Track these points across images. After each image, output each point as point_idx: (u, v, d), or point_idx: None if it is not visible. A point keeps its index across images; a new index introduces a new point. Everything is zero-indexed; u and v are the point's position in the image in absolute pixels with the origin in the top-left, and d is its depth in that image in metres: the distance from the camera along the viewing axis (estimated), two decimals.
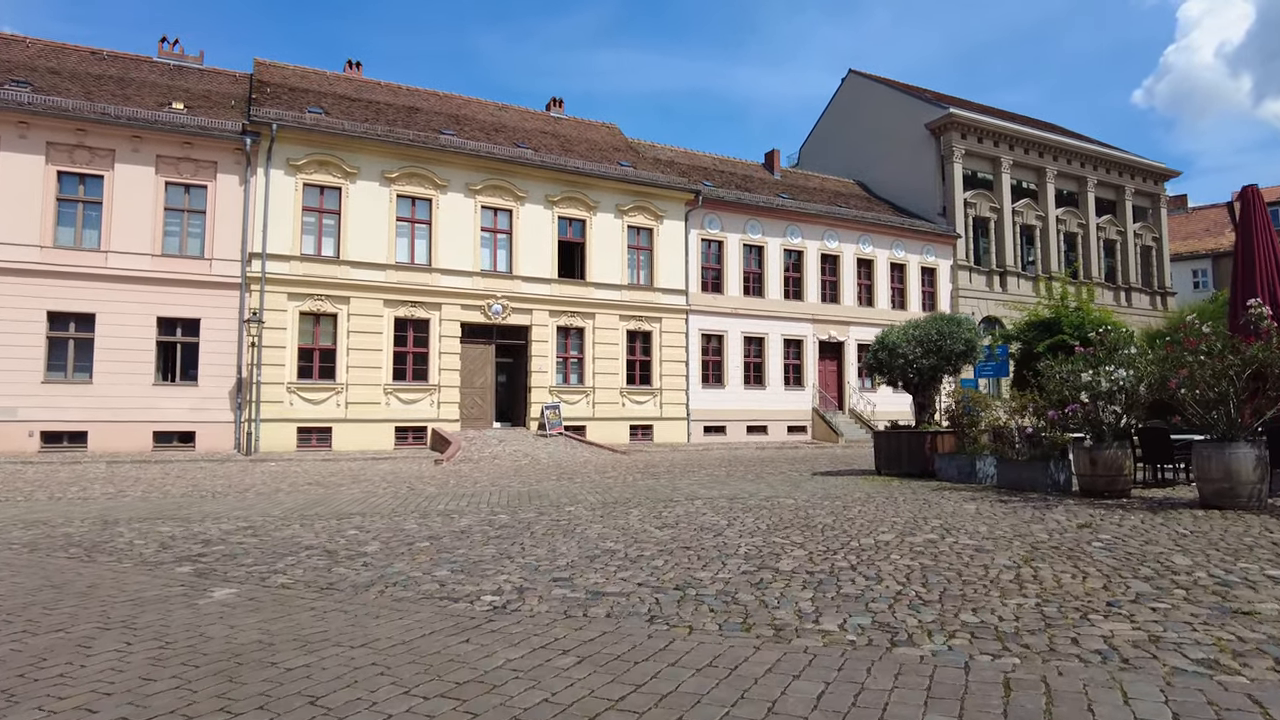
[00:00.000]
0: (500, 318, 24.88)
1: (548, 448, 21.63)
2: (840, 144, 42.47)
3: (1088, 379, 9.34)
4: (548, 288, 25.76)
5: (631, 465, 18.26)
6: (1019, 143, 37.99)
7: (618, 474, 15.73)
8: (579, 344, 26.32)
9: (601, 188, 26.82)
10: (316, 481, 14.68)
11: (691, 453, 23.57)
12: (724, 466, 17.66)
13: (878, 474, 14.45)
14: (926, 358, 13.47)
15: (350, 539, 7.69)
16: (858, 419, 31.04)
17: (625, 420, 26.58)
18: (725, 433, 28.73)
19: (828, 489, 11.89)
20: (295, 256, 22.63)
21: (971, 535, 7.25)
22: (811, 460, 19.90)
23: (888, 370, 13.82)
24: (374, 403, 23.13)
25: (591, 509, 9.77)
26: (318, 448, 22.45)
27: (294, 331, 22.49)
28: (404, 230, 24.19)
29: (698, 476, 14.89)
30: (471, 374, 24.74)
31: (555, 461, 19.33)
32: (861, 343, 32.32)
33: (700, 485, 12.81)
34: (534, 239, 25.66)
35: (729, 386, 29.05)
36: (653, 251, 27.79)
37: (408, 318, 23.82)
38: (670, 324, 27.77)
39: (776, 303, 30.47)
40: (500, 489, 12.78)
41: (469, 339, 24.76)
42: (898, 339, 13.65)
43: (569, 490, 12.28)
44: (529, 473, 16.30)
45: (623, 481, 13.86)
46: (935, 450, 13.36)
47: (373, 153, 23.66)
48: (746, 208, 29.92)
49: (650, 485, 12.97)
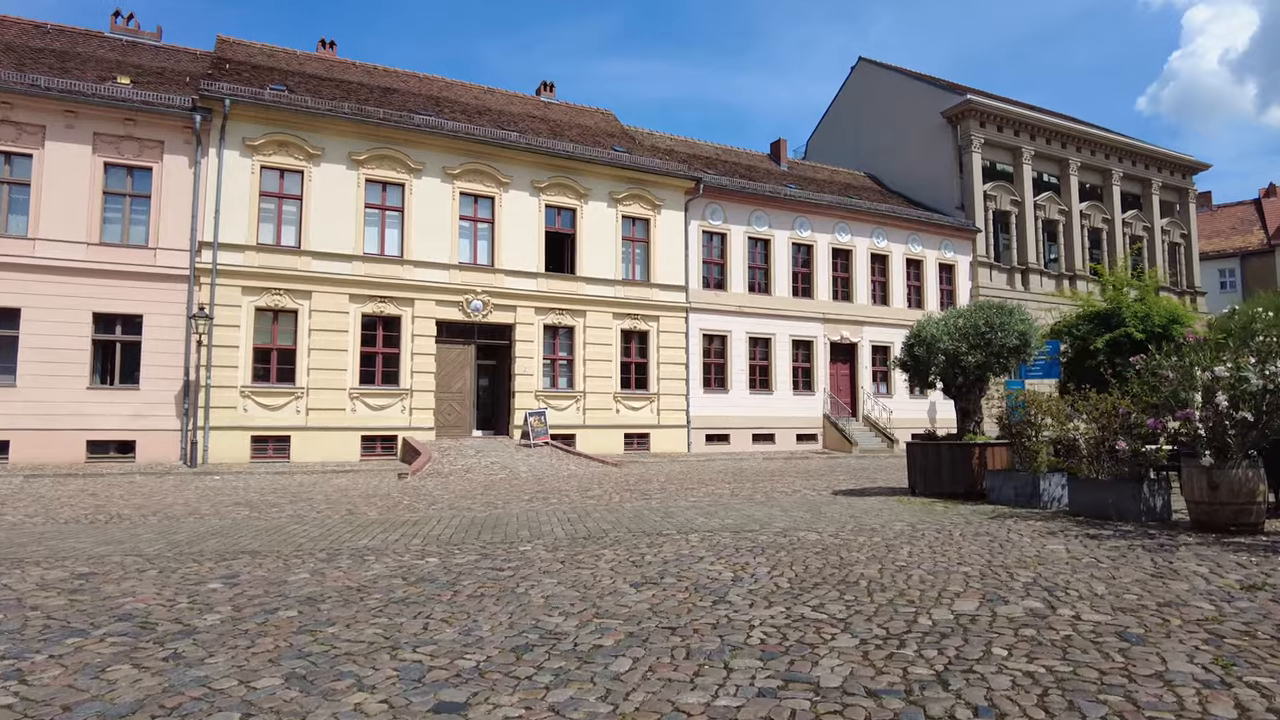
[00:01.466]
0: (481, 315, 22.58)
1: (530, 459, 19.30)
2: (850, 135, 40.19)
3: (1224, 374, 6.96)
4: (534, 282, 23.46)
5: (622, 480, 15.92)
6: (1040, 132, 35.68)
7: (603, 492, 13.39)
8: (568, 345, 24.01)
9: (593, 173, 24.54)
10: (249, 501, 12.37)
11: (691, 464, 21.22)
12: (728, 481, 15.32)
13: (912, 494, 12.09)
14: (973, 354, 11.13)
15: (200, 599, 5.39)
16: (873, 426, 28.67)
17: (619, 428, 24.25)
18: (729, 441, 26.38)
19: (857, 516, 9.54)
20: (251, 246, 20.36)
21: (1092, 602, 4.92)
22: (826, 473, 17.56)
23: (925, 370, 11.47)
24: (338, 409, 20.83)
25: (554, 548, 7.44)
26: (274, 458, 20.15)
27: (249, 329, 20.21)
28: (373, 218, 21.92)
29: (696, 496, 12.54)
30: (448, 377, 22.44)
31: (535, 476, 17.00)
32: (876, 344, 30.01)
33: (698, 510, 10.46)
34: (518, 229, 23.38)
35: (733, 391, 26.71)
36: (649, 244, 25.48)
37: (377, 315, 21.53)
38: (669, 323, 25.45)
39: (784, 300, 28.14)
40: (457, 514, 10.46)
41: (446, 339, 22.46)
42: (938, 332, 11.30)
43: (537, 517, 9.95)
44: (501, 490, 13.98)
45: (606, 503, 11.53)
46: (984, 466, 11.01)
47: (339, 132, 21.41)
48: (751, 197, 27.62)
49: (638, 509, 10.63)
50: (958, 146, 34.30)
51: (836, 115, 42.17)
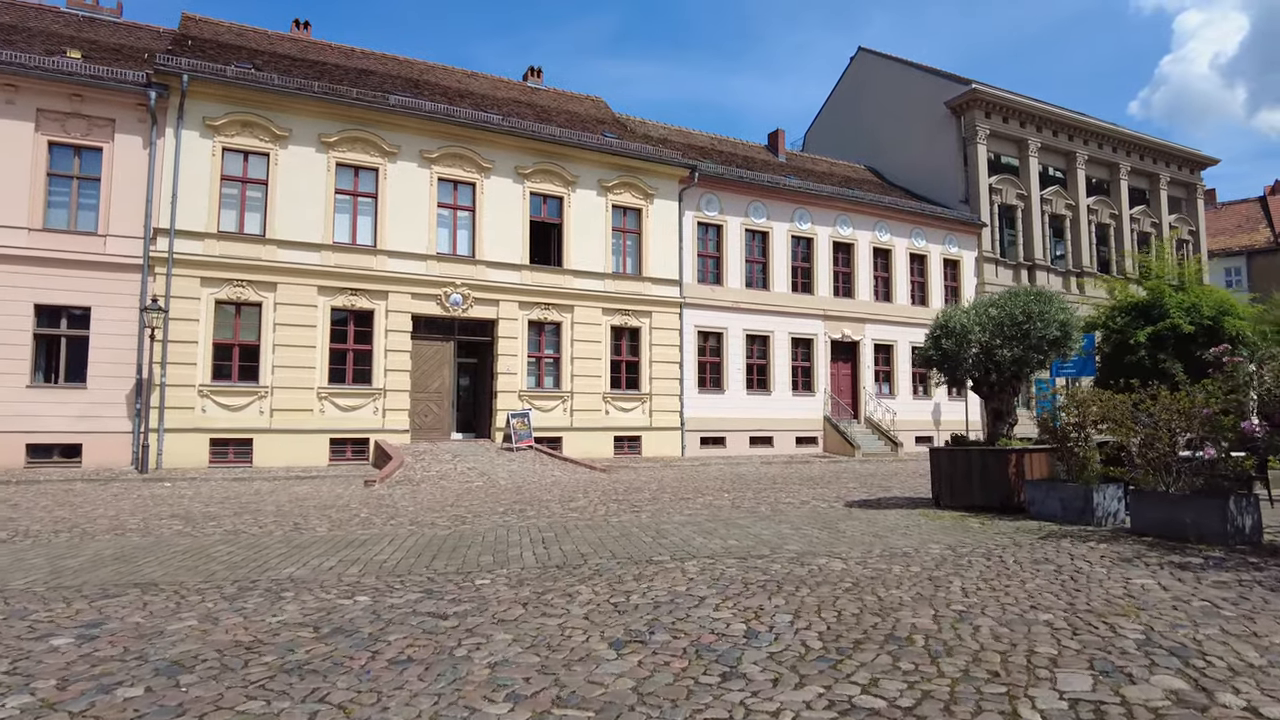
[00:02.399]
0: (460, 310, 21.11)
1: (511, 465, 17.84)
2: (849, 128, 38.86)
3: None
4: (517, 275, 21.99)
5: (610, 489, 14.48)
6: (1047, 123, 34.41)
7: (588, 503, 11.95)
8: (555, 341, 22.55)
9: (581, 159, 23.10)
10: (187, 514, 10.89)
11: (686, 469, 19.80)
12: (726, 489, 13.91)
13: (937, 505, 10.69)
14: (1008, 347, 9.74)
15: (22, 668, 3.93)
16: (875, 429, 27.30)
17: (609, 430, 22.81)
18: (725, 445, 24.96)
19: (881, 535, 8.12)
20: (211, 234, 18.85)
21: (1255, 679, 3.51)
22: (832, 480, 16.16)
23: (956, 365, 10.06)
24: (305, 409, 19.32)
25: (518, 582, 6.00)
26: (235, 463, 18.64)
27: (208, 323, 18.70)
28: (344, 205, 20.43)
29: (692, 508, 11.11)
30: (425, 376, 20.95)
31: (515, 484, 15.55)
32: (879, 342, 28.65)
33: (695, 527, 9.02)
34: (501, 218, 21.92)
35: (729, 391, 25.30)
36: (641, 235, 24.06)
37: (348, 308, 20.04)
38: (661, 319, 24.03)
39: (783, 296, 26.74)
40: (417, 530, 9.02)
41: (422, 334, 20.98)
42: (969, 322, 9.90)
43: (508, 536, 8.51)
44: (475, 501, 12.53)
45: (590, 518, 10.09)
46: (1021, 475, 9.62)
47: (308, 112, 19.92)
48: (749, 187, 26.22)
49: (625, 526, 9.20)
50: (962, 138, 33.00)
51: (835, 108, 40.84)
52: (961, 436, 10.67)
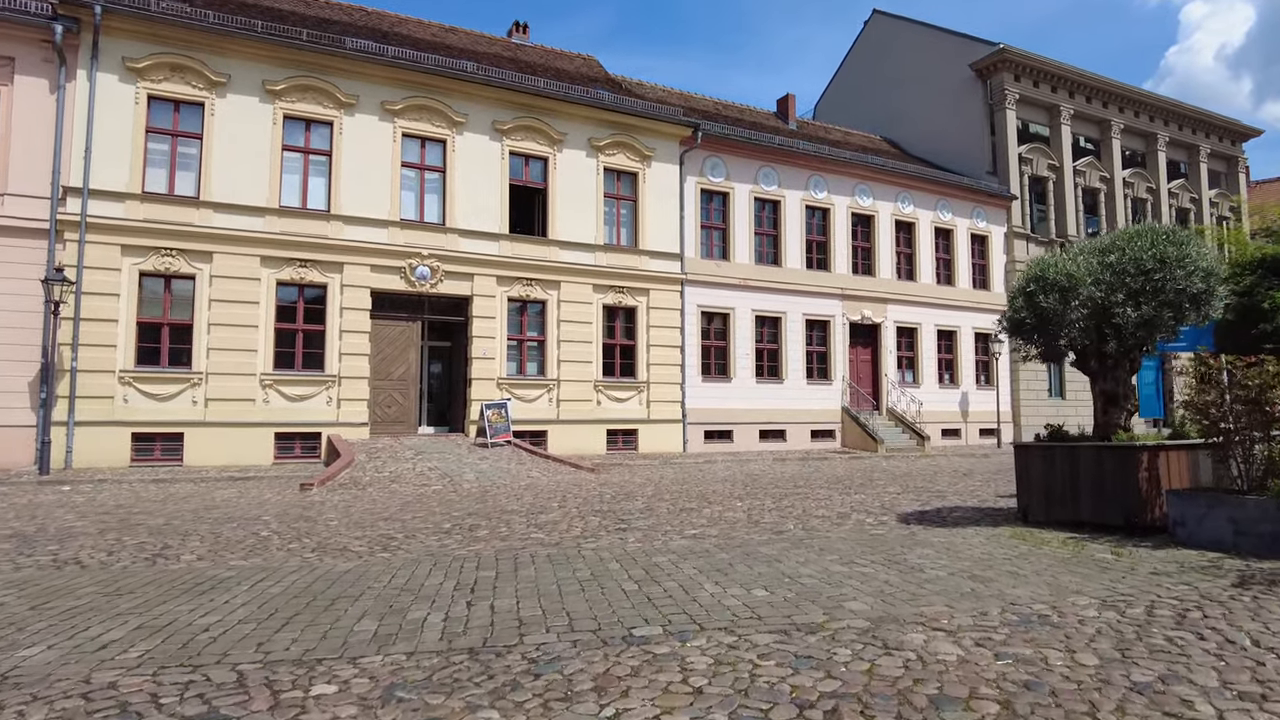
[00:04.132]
0: (428, 285, 18.36)
1: (482, 464, 15.12)
2: (864, 98, 35.99)
3: None
4: (495, 245, 19.22)
5: (595, 494, 11.76)
6: (1080, 88, 31.54)
7: (562, 517, 9.23)
8: (539, 322, 19.80)
9: (569, 115, 20.30)
10: (29, 533, 8.18)
11: (688, 468, 17.08)
12: (738, 495, 11.18)
13: (1024, 520, 7.96)
14: (1133, 303, 7.00)
15: None
16: (899, 421, 24.56)
17: (601, 423, 20.07)
18: (731, 439, 22.23)
19: (984, 578, 5.38)
20: (134, 195, 16.13)
21: None
22: (863, 482, 13.42)
23: (1055, 330, 7.30)
24: (246, 399, 16.61)
25: (378, 700, 3.27)
26: (162, 461, 15.94)
27: (131, 299, 15.99)
28: (293, 163, 17.68)
29: (697, 524, 8.38)
30: (388, 361, 18.22)
31: (481, 488, 12.83)
32: (901, 324, 25.89)
33: (702, 562, 6.29)
34: (476, 180, 19.15)
35: (736, 379, 22.56)
36: (637, 203, 21.27)
37: (296, 282, 17.31)
38: (660, 297, 21.27)
39: (796, 273, 23.97)
40: (312, 563, 6.34)
41: (384, 314, 18.24)
42: (1078, 270, 7.14)
43: (428, 577, 5.80)
44: (421, 512, 9.82)
45: (557, 541, 7.37)
46: (1156, 482, 6.88)
47: (250, 55, 17.16)
48: (758, 150, 23.41)
49: (602, 559, 6.47)
50: (988, 104, 30.14)
51: (847, 76, 37.97)
52: (1060, 428, 7.90)
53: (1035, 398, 28.24)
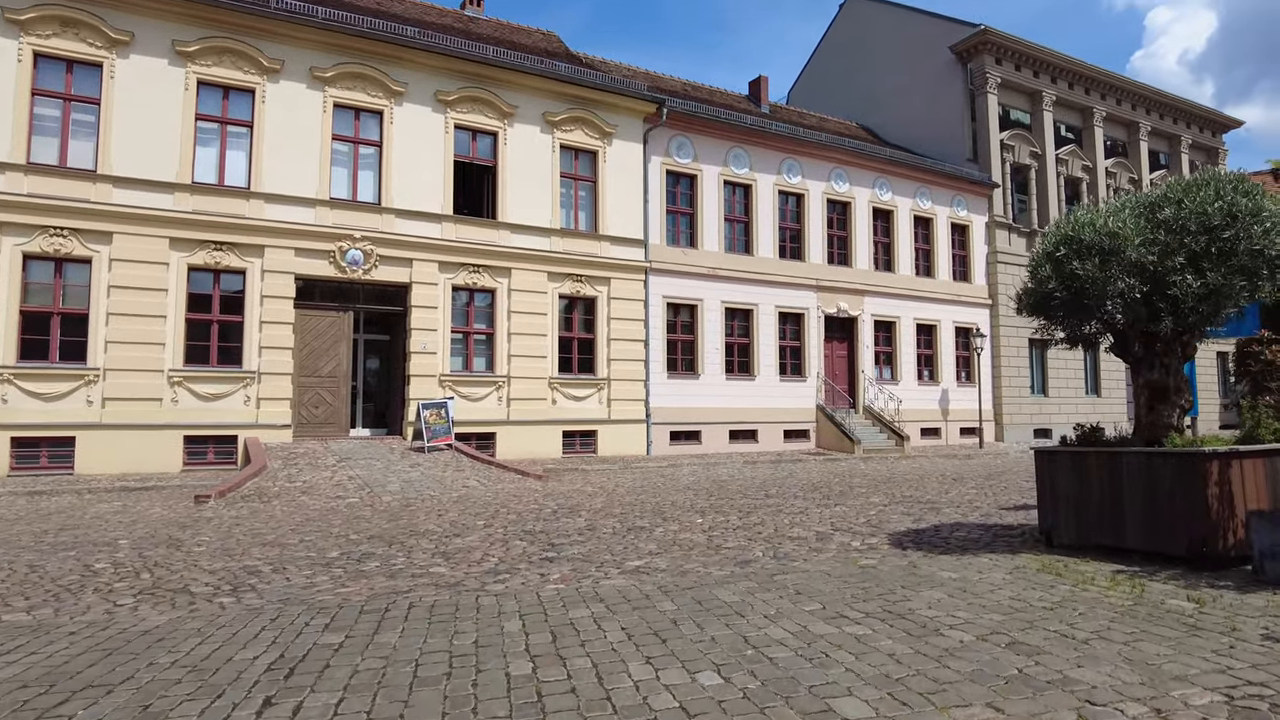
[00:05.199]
0: (361, 271, 16.53)
1: (413, 472, 13.35)
2: (839, 83, 34.59)
3: None
4: (437, 228, 17.43)
5: (532, 510, 10.07)
6: (1063, 74, 30.32)
7: (480, 541, 7.54)
8: (487, 313, 18.04)
9: (521, 86, 18.55)
10: None
11: (650, 473, 15.43)
12: (701, 508, 9.53)
13: (1048, 544, 6.41)
14: (1194, 269, 5.46)
15: None
16: (876, 420, 23.10)
17: (556, 424, 18.36)
18: (699, 440, 20.62)
19: (1027, 647, 3.77)
20: (17, 166, 14.15)
21: None
22: (842, 488, 11.84)
23: (1092, 302, 5.72)
24: (151, 399, 14.70)
25: None
26: (49, 469, 13.99)
27: (12, 285, 14.01)
28: (209, 135, 15.78)
29: (644, 550, 6.71)
30: (315, 355, 16.37)
31: (403, 501, 11.07)
32: (879, 318, 24.45)
33: (635, 619, 4.62)
34: (417, 156, 17.35)
35: (705, 376, 20.95)
36: (597, 184, 19.58)
37: (211, 267, 15.42)
38: (622, 287, 19.59)
39: (769, 262, 22.41)
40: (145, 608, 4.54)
41: (312, 303, 16.40)
42: (1123, 228, 5.57)
43: (288, 623, 4.08)
44: (322, 531, 8.07)
45: (464, 576, 5.67)
46: (1228, 501, 5.33)
47: (157, 12, 15.23)
48: (729, 130, 21.81)
49: (507, 606, 4.79)
50: (969, 89, 28.81)
51: (822, 61, 36.56)
52: (1095, 428, 6.34)
53: (1018, 395, 26.98)
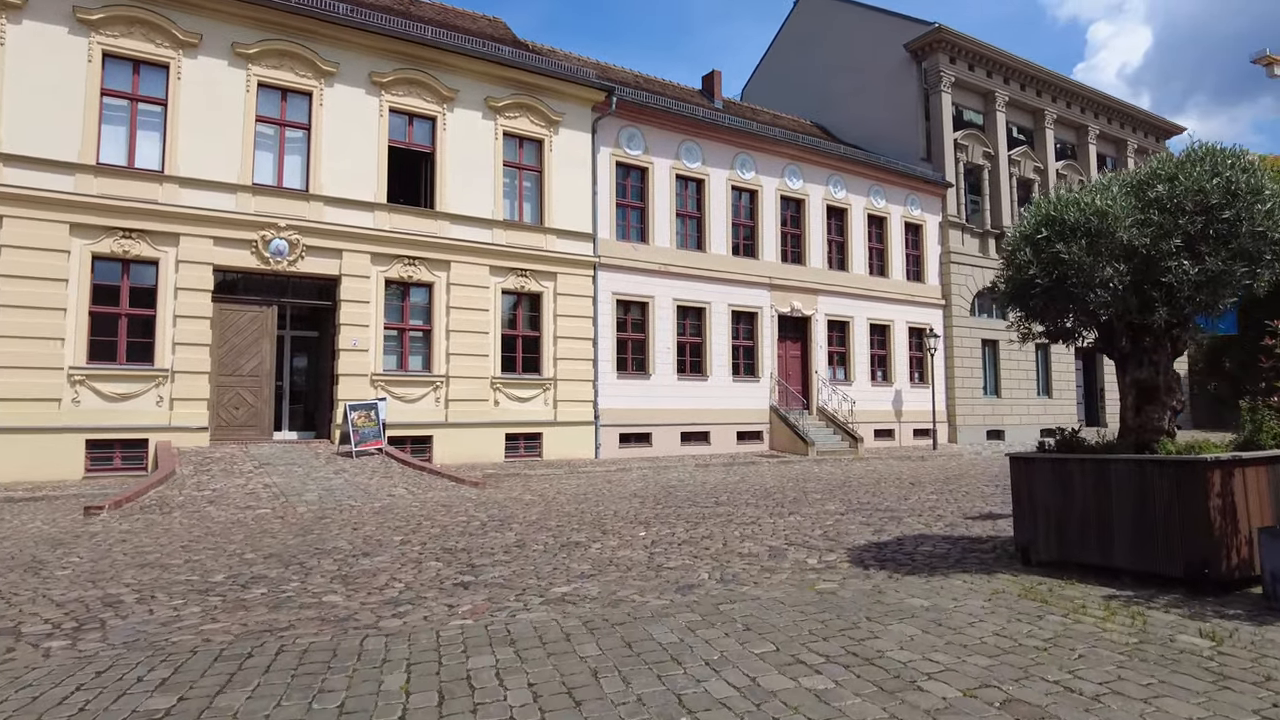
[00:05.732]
0: (285, 262, 15.40)
1: (337, 478, 12.32)
2: (793, 81, 34.21)
3: None
4: (370, 217, 16.38)
5: (458, 522, 9.18)
6: (1015, 74, 30.31)
7: (395, 559, 6.64)
8: (424, 309, 17.03)
9: (462, 69, 17.58)
10: None
11: (596, 478, 14.61)
12: (645, 517, 8.75)
13: (1025, 561, 5.77)
14: (1190, 254, 4.84)
15: None
16: (830, 421, 22.61)
17: (499, 426, 17.42)
18: (650, 443, 19.86)
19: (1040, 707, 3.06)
20: None
21: None
22: (796, 494, 11.17)
23: (1074, 295, 5.05)
24: (49, 399, 13.41)
25: None
26: None
27: None
28: (117, 113, 14.51)
29: (574, 571, 5.89)
30: (236, 353, 15.19)
31: (320, 512, 10.08)
32: (833, 318, 23.99)
33: (551, 667, 3.80)
34: (349, 140, 16.28)
35: (656, 376, 20.20)
36: (543, 174, 18.69)
37: (119, 256, 14.17)
38: (570, 283, 18.74)
39: (722, 259, 21.76)
40: None
41: (232, 296, 15.23)
42: (1114, 206, 4.93)
43: (98, 681, 3.15)
44: (217, 548, 7.09)
45: (359, 607, 4.78)
46: (1231, 514, 4.71)
47: None
48: (681, 122, 21.10)
49: (395, 650, 3.92)
50: (923, 88, 28.58)
51: (776, 59, 36.16)
52: (1073, 434, 5.72)
53: (971, 396, 26.78)
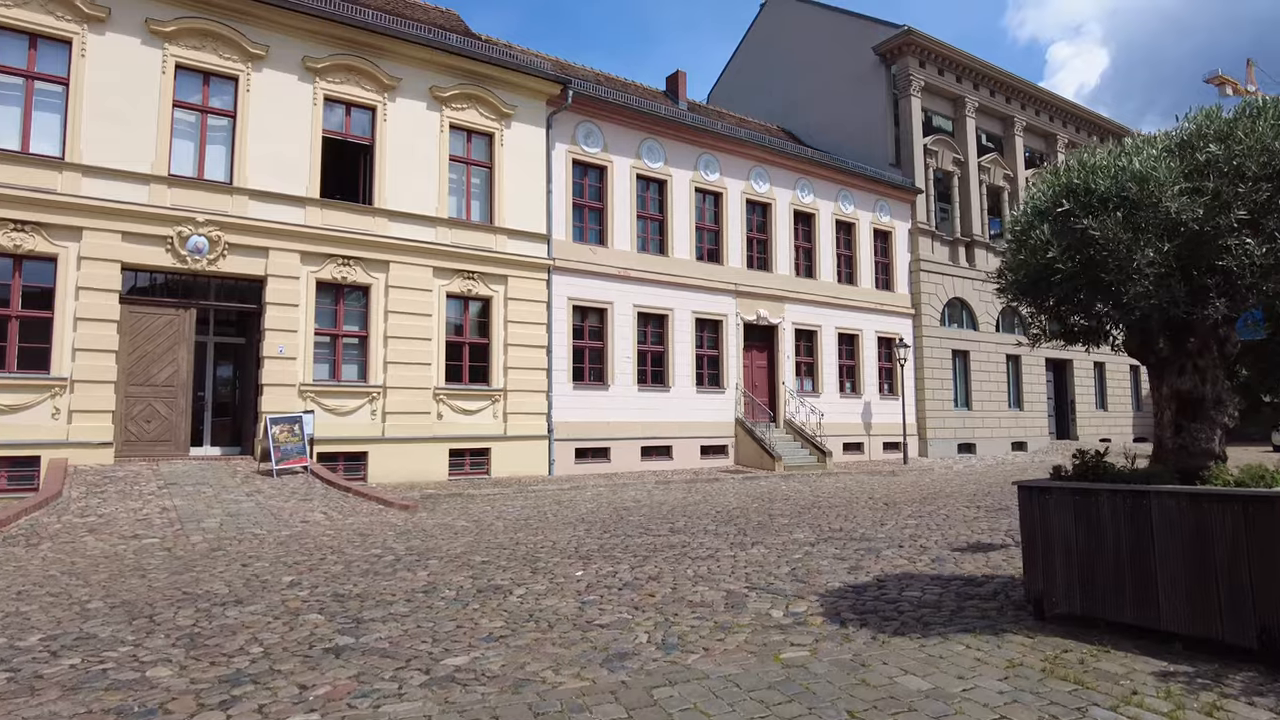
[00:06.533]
0: (204, 260, 13.99)
1: (246, 502, 10.95)
2: (759, 86, 33.39)
3: None
4: (301, 212, 15.03)
5: (372, 556, 7.91)
6: (985, 80, 29.75)
7: (269, 608, 5.37)
8: (360, 313, 15.70)
9: (406, 57, 16.35)
10: None
11: (545, 499, 13.37)
12: (588, 551, 7.57)
13: (1038, 615, 4.69)
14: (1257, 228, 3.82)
15: None
16: (798, 434, 21.60)
17: (443, 441, 16.11)
18: (608, 458, 18.67)
19: None
20: None
21: None
22: (760, 517, 10.06)
23: (1111, 275, 4.00)
24: None
25: None
26: None
27: None
28: (10, 93, 13.06)
29: (481, 631, 4.69)
30: (148, 360, 13.74)
31: (216, 542, 8.74)
32: (800, 326, 23.05)
33: None
34: (279, 130, 14.94)
35: (615, 387, 19.04)
36: (494, 170, 17.49)
37: (10, 252, 12.65)
38: (522, 286, 17.52)
39: (685, 264, 20.69)
40: None
41: (144, 297, 13.80)
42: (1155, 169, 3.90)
43: None
44: (73, 590, 5.78)
45: (180, 691, 3.51)
46: None
47: None
48: (642, 119, 20.04)
49: None
50: (892, 93, 27.88)
51: (742, 64, 35.36)
52: (1098, 456, 4.66)
53: (941, 408, 25.98)
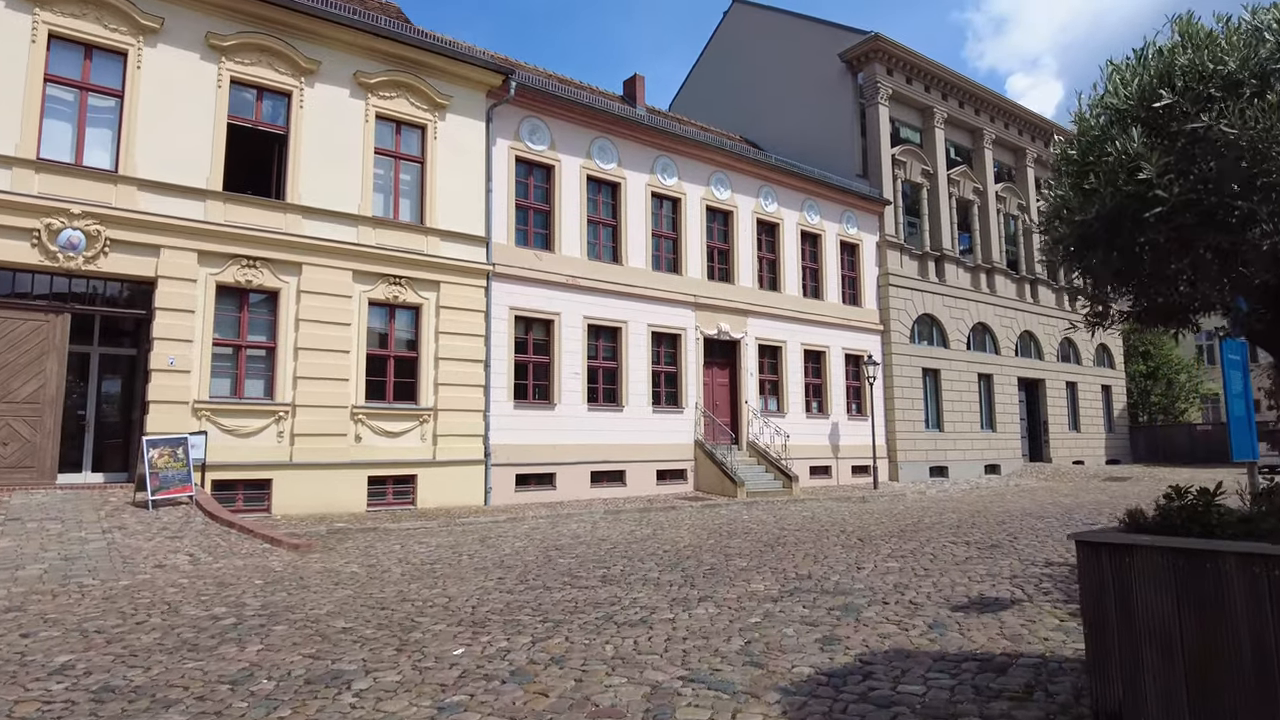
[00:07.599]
0: (81, 258, 12.13)
1: (97, 540, 9.08)
2: (722, 95, 32.22)
3: None
4: (201, 207, 13.24)
5: (203, 622, 6.16)
6: (954, 90, 28.86)
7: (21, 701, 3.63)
8: (267, 322, 13.89)
9: (327, 38, 14.70)
10: None
11: (469, 535, 11.65)
12: (489, 617, 5.92)
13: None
14: None
15: None
16: (761, 457, 20.12)
17: (361, 467, 14.31)
18: (553, 484, 16.99)
19: None
20: None
21: None
22: (714, 560, 8.48)
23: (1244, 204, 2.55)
24: None
25: None
26: None
27: None
28: None
29: None
30: (9, 373, 11.79)
31: (22, 599, 6.92)
32: (764, 342, 21.64)
33: None
34: (176, 115, 13.17)
35: (561, 406, 17.39)
36: (426, 166, 15.84)
37: None
38: (456, 294, 15.84)
39: (640, 274, 19.18)
40: None
41: (4, 299, 11.88)
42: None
43: None
44: None
45: None
46: None
47: None
48: (593, 117, 18.56)
49: None
50: (859, 101, 26.81)
51: (705, 72, 34.19)
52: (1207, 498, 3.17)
53: (912, 429, 24.69)
